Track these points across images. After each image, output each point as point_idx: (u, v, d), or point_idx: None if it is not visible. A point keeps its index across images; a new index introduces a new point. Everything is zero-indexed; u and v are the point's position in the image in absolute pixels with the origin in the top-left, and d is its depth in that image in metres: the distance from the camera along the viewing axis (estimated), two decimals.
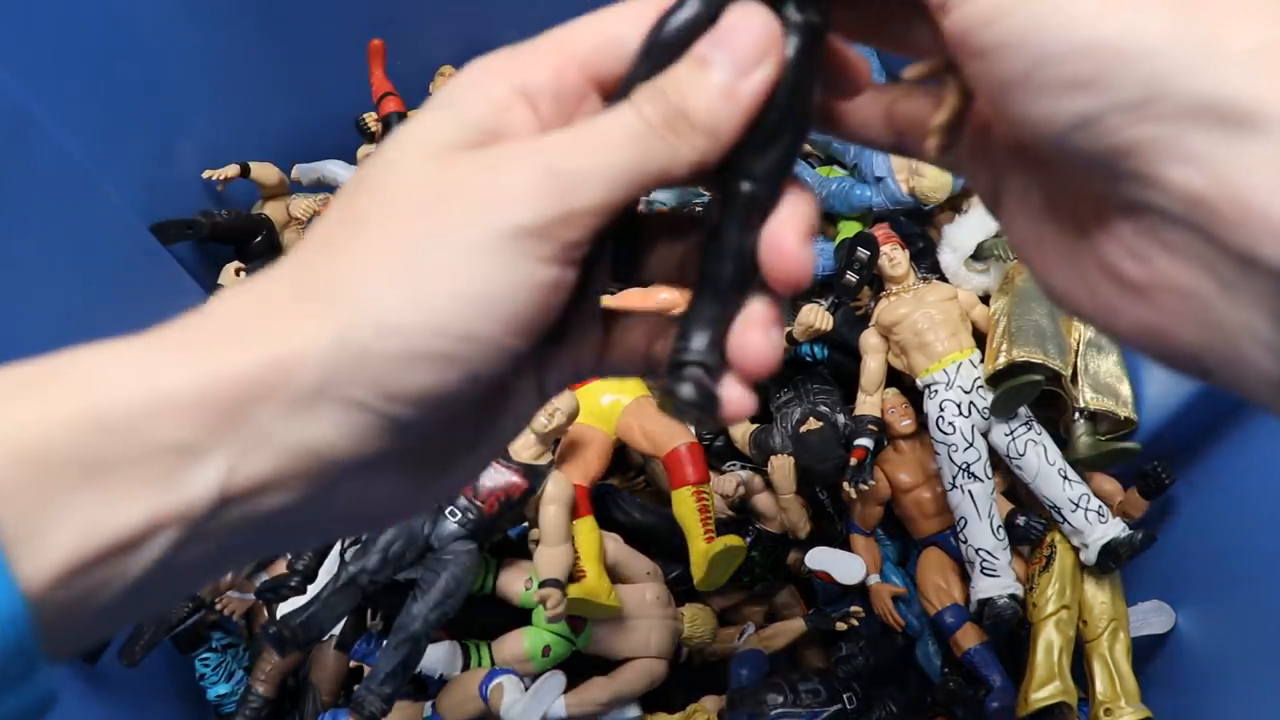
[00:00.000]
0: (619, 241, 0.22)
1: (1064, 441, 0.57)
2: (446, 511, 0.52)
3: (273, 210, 0.69)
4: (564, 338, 0.22)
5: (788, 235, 0.20)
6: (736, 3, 0.20)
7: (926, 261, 0.63)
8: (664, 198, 0.68)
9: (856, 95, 0.22)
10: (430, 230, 0.18)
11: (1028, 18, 0.16)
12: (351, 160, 0.72)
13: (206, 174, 0.67)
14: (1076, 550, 0.56)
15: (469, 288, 0.18)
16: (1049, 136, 0.17)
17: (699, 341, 0.21)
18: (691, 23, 0.21)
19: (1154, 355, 0.19)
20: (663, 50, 0.21)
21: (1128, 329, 0.19)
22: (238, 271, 0.65)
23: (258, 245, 0.67)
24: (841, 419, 0.60)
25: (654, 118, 0.20)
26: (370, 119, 0.70)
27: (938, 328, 0.58)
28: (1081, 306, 0.20)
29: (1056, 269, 0.20)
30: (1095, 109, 0.16)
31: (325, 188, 0.74)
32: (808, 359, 0.64)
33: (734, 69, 0.20)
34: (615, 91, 0.21)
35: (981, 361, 0.58)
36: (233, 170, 0.67)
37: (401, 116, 0.68)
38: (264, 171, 0.68)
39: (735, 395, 0.20)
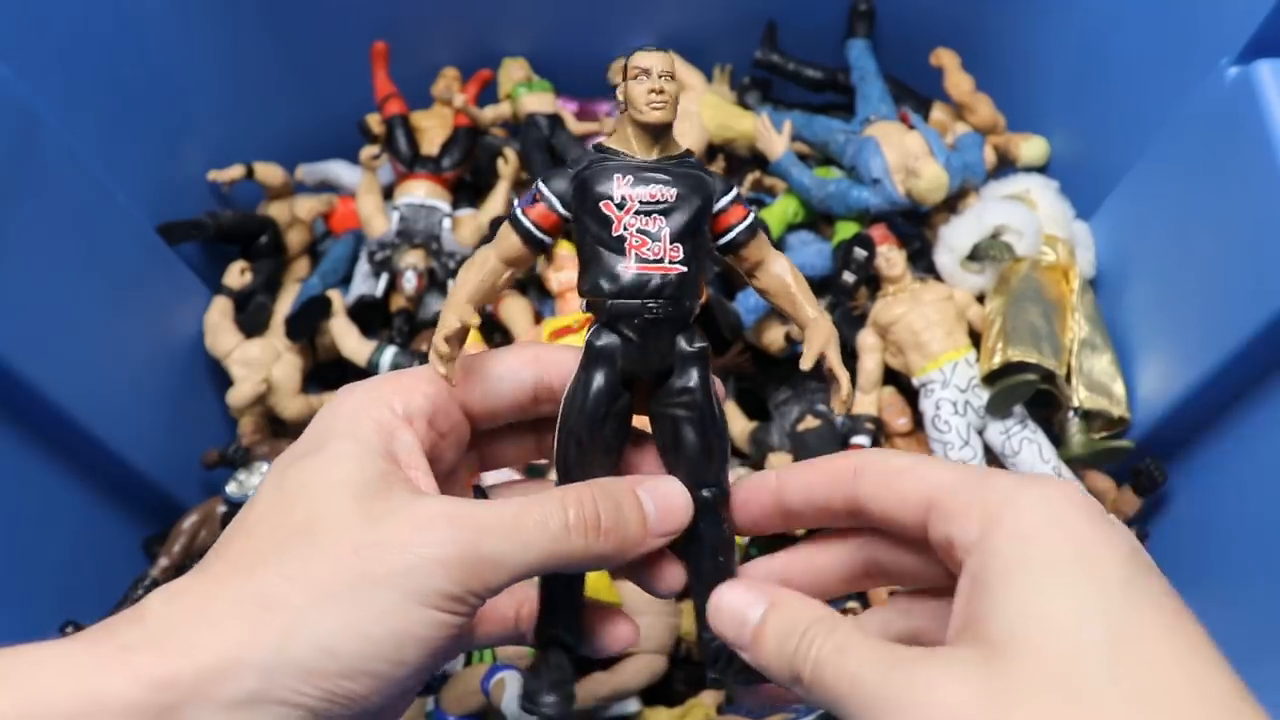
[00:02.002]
0: None
1: (1059, 439, 0.57)
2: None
3: (277, 210, 0.68)
4: None
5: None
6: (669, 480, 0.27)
7: (923, 262, 0.63)
8: None
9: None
10: (368, 576, 0.21)
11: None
12: (354, 161, 0.72)
13: (211, 175, 0.67)
14: None
15: (400, 627, 0.21)
16: None
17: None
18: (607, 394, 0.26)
19: None
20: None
21: None
22: (242, 271, 0.65)
23: (262, 245, 0.67)
24: (839, 417, 0.60)
25: (576, 526, 0.24)
26: (373, 120, 0.70)
27: (934, 327, 0.58)
28: None
29: None
30: None
31: (329, 188, 0.73)
32: None
33: (655, 524, 0.25)
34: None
35: (977, 361, 0.58)
36: (237, 171, 0.66)
37: (404, 119, 0.68)
38: (268, 172, 0.68)
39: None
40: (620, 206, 0.26)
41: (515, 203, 0.28)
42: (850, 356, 0.62)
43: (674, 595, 0.27)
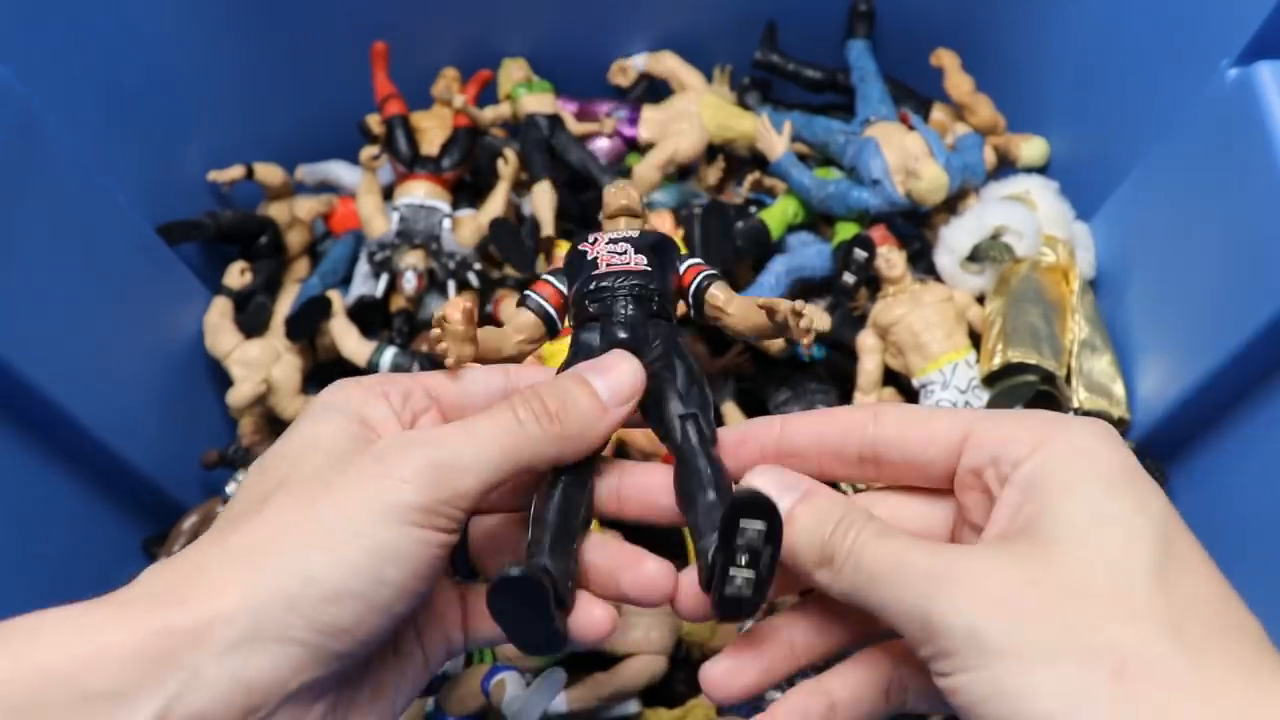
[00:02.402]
0: (453, 550, 0.26)
1: None
2: None
3: (277, 211, 0.68)
4: (433, 606, 0.27)
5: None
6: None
7: (923, 263, 0.63)
8: (663, 199, 0.68)
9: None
10: (339, 505, 0.22)
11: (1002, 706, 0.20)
12: (354, 161, 0.71)
13: (211, 176, 0.67)
14: None
15: (373, 545, 0.22)
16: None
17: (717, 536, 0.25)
18: None
19: None
20: None
21: None
22: (243, 271, 0.65)
23: (262, 245, 0.66)
24: None
25: (527, 416, 0.25)
26: (373, 121, 0.70)
27: (934, 328, 0.58)
28: None
29: None
30: None
31: (329, 188, 0.73)
32: (805, 359, 0.64)
33: (609, 396, 0.26)
34: None
35: (977, 362, 0.57)
36: (237, 172, 0.66)
37: (404, 119, 0.67)
38: (268, 173, 0.68)
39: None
40: (593, 243, 0.31)
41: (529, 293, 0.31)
42: (850, 358, 0.62)
43: (656, 603, 0.26)
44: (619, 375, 0.26)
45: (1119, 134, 0.59)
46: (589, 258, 0.30)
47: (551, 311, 0.30)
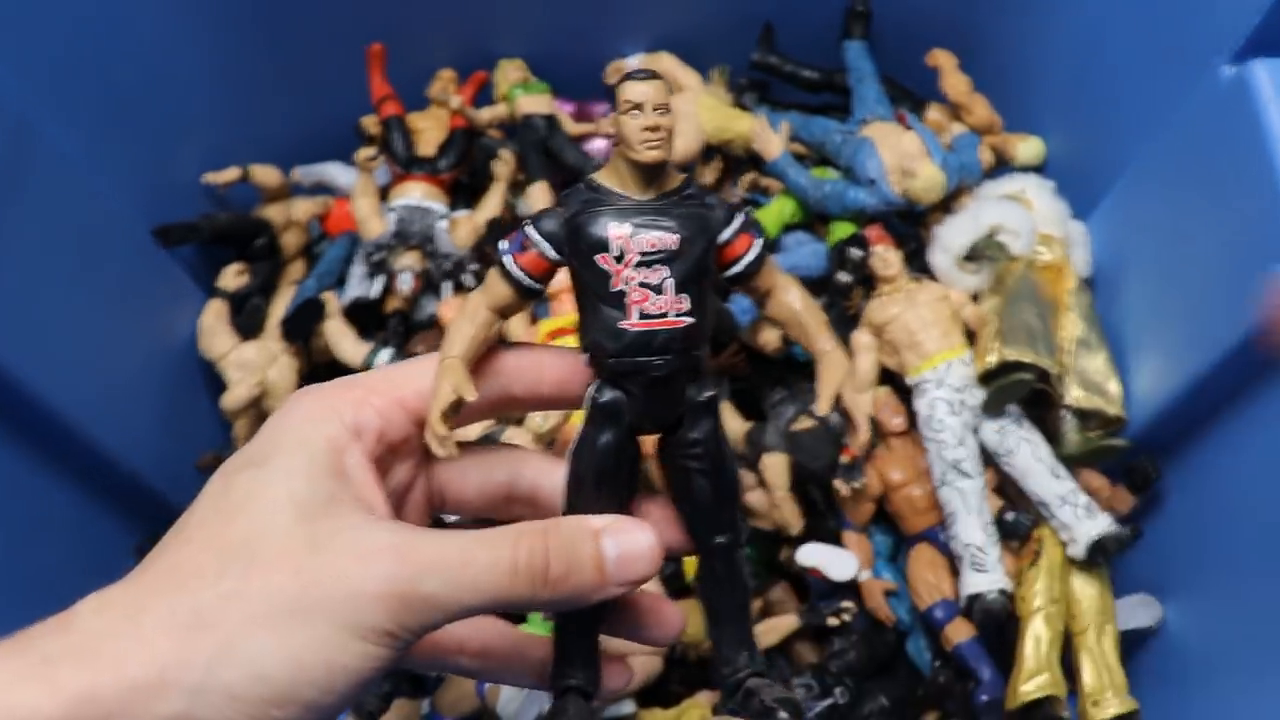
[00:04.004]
0: None
1: (1054, 438, 0.57)
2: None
3: (273, 213, 0.68)
4: None
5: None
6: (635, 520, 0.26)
7: (918, 262, 0.62)
8: None
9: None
10: (305, 602, 0.21)
11: None
12: (350, 163, 0.71)
13: (207, 178, 0.66)
14: (1064, 545, 0.56)
15: (331, 659, 0.21)
16: None
17: (744, 658, 0.27)
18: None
19: None
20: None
21: None
22: (238, 273, 0.65)
23: (258, 247, 0.66)
24: (834, 417, 0.59)
25: (526, 571, 0.23)
26: (370, 122, 0.69)
27: (929, 327, 0.57)
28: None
29: None
30: None
31: (325, 190, 0.73)
32: (801, 359, 0.64)
33: (614, 569, 0.24)
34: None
35: (972, 360, 0.57)
36: (233, 173, 0.65)
37: (400, 120, 0.67)
38: (264, 174, 0.67)
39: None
40: (619, 259, 0.25)
41: (503, 246, 0.26)
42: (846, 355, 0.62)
43: (670, 642, 0.27)
44: (634, 559, 0.25)
45: (1114, 132, 0.58)
46: (612, 286, 0.25)
47: (534, 284, 0.26)
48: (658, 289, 0.25)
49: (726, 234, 0.26)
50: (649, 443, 0.28)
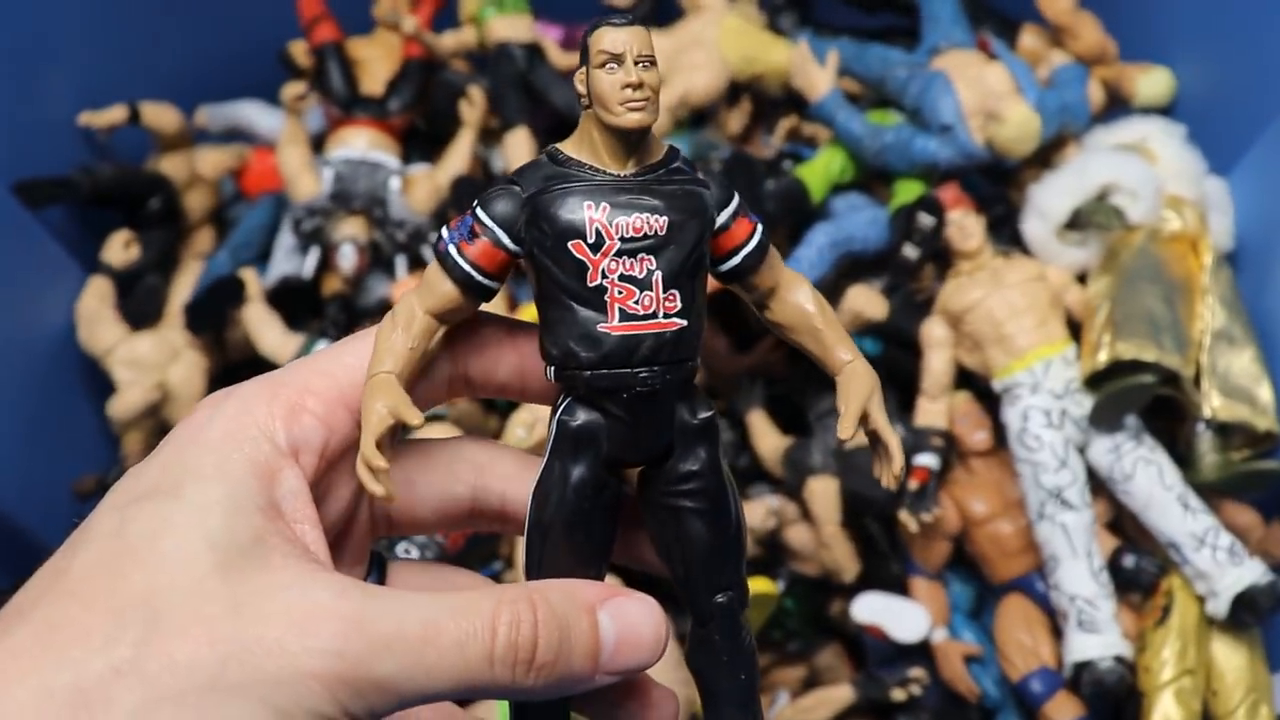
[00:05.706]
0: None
1: (1185, 460, 0.54)
2: (399, 549, 0.51)
3: (172, 166, 0.64)
4: None
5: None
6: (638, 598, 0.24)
7: (1007, 231, 0.59)
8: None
9: None
10: (222, 680, 0.20)
11: None
12: (273, 102, 0.67)
13: (84, 118, 0.62)
14: (1202, 600, 0.52)
15: None
16: None
17: None
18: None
19: None
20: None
21: None
22: (127, 244, 0.60)
23: (153, 211, 0.61)
24: (899, 431, 0.55)
25: (504, 650, 0.22)
26: (299, 50, 0.64)
27: (1020, 316, 0.54)
28: None
29: None
30: None
31: (240, 136, 0.69)
32: (866, 352, 0.57)
33: (613, 659, 0.23)
34: None
35: (1077, 359, 0.54)
36: (119, 114, 0.63)
37: (338, 47, 0.62)
38: (159, 115, 0.64)
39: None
40: (596, 247, 0.23)
41: (446, 235, 0.25)
42: (912, 354, 0.57)
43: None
44: (635, 643, 0.23)
45: (1265, 64, 0.54)
46: (589, 280, 0.24)
47: (486, 282, 0.25)
48: (643, 284, 0.24)
49: (723, 218, 0.25)
50: (631, 477, 0.27)
